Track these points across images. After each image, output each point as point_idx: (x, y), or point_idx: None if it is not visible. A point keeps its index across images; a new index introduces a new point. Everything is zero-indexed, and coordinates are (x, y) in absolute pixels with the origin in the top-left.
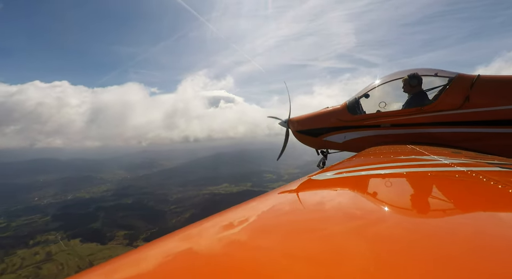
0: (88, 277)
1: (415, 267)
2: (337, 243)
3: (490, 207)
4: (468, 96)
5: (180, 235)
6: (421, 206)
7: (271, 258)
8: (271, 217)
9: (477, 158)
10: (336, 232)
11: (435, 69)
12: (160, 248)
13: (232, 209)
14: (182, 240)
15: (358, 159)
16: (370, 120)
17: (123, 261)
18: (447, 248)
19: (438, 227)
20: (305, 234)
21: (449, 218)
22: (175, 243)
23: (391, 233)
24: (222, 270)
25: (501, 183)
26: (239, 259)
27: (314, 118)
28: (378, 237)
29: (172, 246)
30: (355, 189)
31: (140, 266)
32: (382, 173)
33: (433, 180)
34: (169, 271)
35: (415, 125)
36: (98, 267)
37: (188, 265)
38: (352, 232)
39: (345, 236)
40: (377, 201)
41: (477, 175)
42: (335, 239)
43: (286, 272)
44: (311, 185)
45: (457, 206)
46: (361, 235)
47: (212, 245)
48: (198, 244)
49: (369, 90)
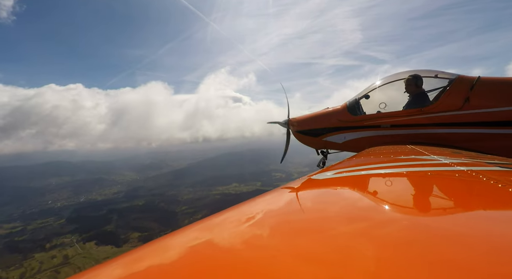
0: (88, 277)
1: (416, 267)
2: (337, 243)
3: (491, 206)
4: (468, 97)
5: (180, 235)
6: (421, 206)
7: (270, 257)
8: (271, 216)
9: (477, 158)
10: (336, 231)
11: (435, 71)
12: (160, 247)
13: (232, 209)
14: (181, 240)
15: (358, 159)
16: (370, 120)
17: (123, 260)
18: (448, 247)
19: (438, 226)
20: (305, 234)
21: (449, 217)
22: (175, 242)
23: (391, 233)
24: (221, 270)
25: (501, 182)
26: (238, 258)
27: (314, 118)
28: (378, 237)
29: (171, 246)
30: (355, 189)
31: (141, 265)
32: (382, 173)
33: (433, 180)
34: (169, 271)
35: (415, 125)
36: (99, 266)
37: (188, 264)
38: (352, 231)
39: (345, 236)
40: (377, 201)
41: (477, 175)
42: (335, 238)
43: (285, 272)
44: (311, 185)
45: (457, 205)
46: (361, 235)
47: (210, 245)
48: (197, 244)
49: (369, 91)
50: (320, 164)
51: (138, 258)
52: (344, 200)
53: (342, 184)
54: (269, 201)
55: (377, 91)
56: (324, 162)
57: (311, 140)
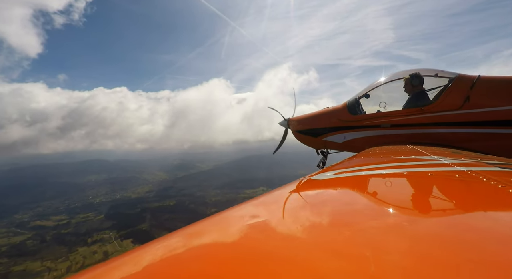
0: (88, 277)
1: (415, 267)
2: (337, 243)
3: (490, 207)
4: (469, 96)
5: (179, 235)
6: (421, 206)
7: (270, 258)
8: (271, 217)
9: (477, 158)
10: (336, 232)
11: (435, 69)
12: (160, 247)
13: (232, 209)
14: (181, 240)
15: (358, 159)
16: (370, 120)
17: (123, 260)
18: (448, 248)
19: (438, 226)
20: (305, 234)
21: (449, 218)
22: (175, 242)
23: (391, 233)
24: (221, 270)
25: (501, 183)
26: (238, 258)
27: (314, 118)
28: (378, 237)
29: (171, 246)
30: (355, 189)
31: (141, 264)
32: (382, 173)
33: (433, 180)
34: (169, 271)
35: (415, 125)
36: (98, 266)
37: (187, 264)
38: (352, 232)
39: (345, 236)
40: (377, 201)
41: (477, 175)
42: (335, 239)
43: (286, 272)
44: (311, 185)
45: (457, 205)
46: (361, 235)
47: (210, 245)
48: (196, 244)
49: (369, 90)
50: (320, 164)
51: (139, 258)
52: (344, 200)
53: (342, 185)
54: (269, 202)
55: (377, 90)
56: (324, 162)
57: (311, 140)
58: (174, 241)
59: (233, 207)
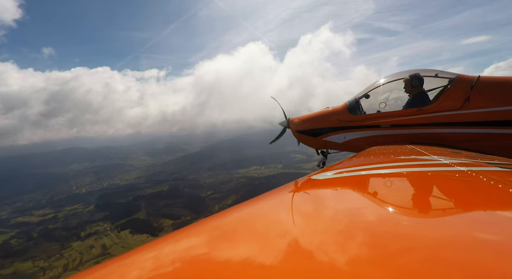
0: (88, 277)
1: (415, 267)
2: (337, 243)
3: (491, 206)
4: (469, 97)
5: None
6: (422, 206)
7: (270, 258)
8: (271, 217)
9: (477, 158)
10: (336, 232)
11: (435, 70)
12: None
13: (232, 209)
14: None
15: (358, 159)
16: (370, 120)
17: (124, 261)
18: (448, 247)
19: (438, 226)
20: (305, 234)
21: (449, 218)
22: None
23: (391, 233)
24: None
25: (501, 182)
26: (237, 258)
27: (314, 118)
28: (378, 237)
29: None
30: (355, 189)
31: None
32: (382, 173)
33: (433, 180)
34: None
35: (415, 125)
36: (99, 266)
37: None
38: (352, 231)
39: (345, 236)
40: (377, 201)
41: (477, 175)
42: (335, 239)
43: (285, 272)
44: (311, 185)
45: (457, 205)
46: (361, 235)
47: (210, 245)
48: (196, 244)
49: (369, 90)
50: (320, 164)
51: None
52: (345, 200)
53: (342, 184)
54: (269, 202)
55: (377, 90)
56: (324, 162)
57: (311, 140)
58: (174, 241)
59: (233, 207)
